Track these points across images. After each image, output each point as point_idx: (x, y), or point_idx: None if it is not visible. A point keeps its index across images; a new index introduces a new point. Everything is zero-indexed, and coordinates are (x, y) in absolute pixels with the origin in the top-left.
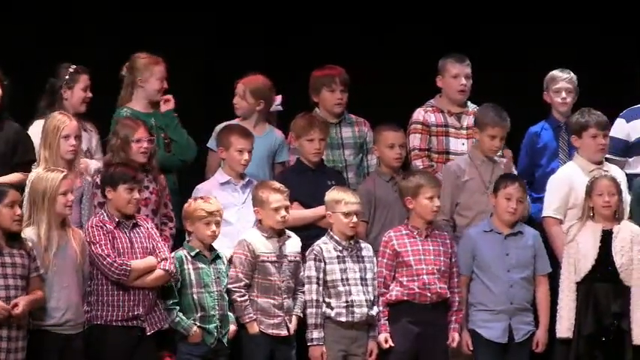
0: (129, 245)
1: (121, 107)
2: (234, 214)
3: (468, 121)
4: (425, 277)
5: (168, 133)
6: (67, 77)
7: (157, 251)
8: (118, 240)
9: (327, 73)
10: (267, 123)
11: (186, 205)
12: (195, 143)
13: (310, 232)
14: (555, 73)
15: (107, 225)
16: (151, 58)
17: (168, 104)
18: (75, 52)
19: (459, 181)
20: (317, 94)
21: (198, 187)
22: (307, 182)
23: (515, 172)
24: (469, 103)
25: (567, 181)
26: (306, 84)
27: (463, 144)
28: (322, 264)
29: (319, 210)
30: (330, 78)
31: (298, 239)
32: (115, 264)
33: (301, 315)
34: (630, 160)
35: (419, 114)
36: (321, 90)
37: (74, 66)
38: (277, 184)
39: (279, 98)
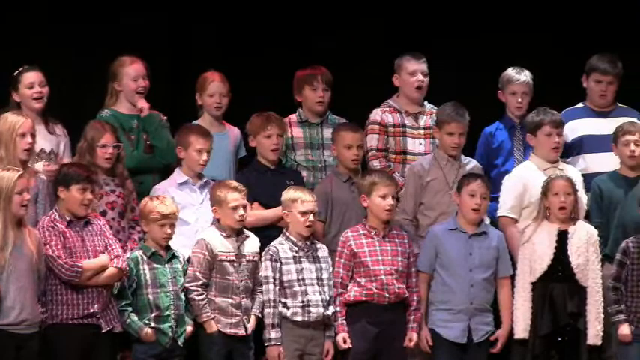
0: (80, 244)
1: (102, 109)
2: (192, 214)
3: (425, 121)
4: (383, 277)
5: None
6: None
7: (110, 248)
8: (70, 239)
9: (310, 71)
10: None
11: (141, 204)
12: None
13: (269, 232)
14: (511, 74)
15: (58, 225)
16: (123, 60)
17: (143, 111)
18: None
19: (423, 181)
20: (300, 93)
21: (156, 187)
22: (266, 183)
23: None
24: (426, 103)
25: (522, 181)
26: (263, 84)
27: (421, 144)
28: (278, 264)
29: (279, 210)
30: (312, 76)
31: (256, 239)
32: (67, 265)
33: (259, 315)
34: (568, 160)
35: (376, 114)
36: (303, 88)
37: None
38: (235, 183)
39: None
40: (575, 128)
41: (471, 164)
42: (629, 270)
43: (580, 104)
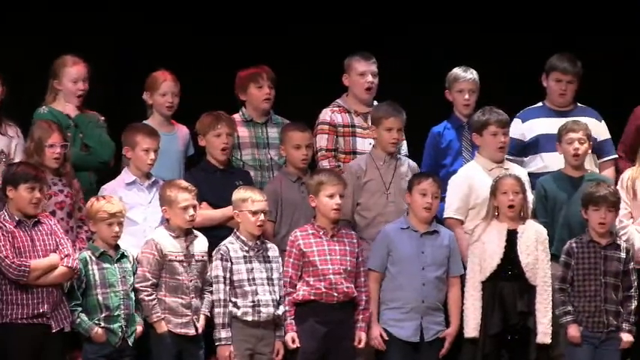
0: (30, 244)
1: (40, 106)
2: (141, 214)
3: None
4: (331, 276)
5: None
6: None
7: (61, 247)
8: (19, 239)
9: (254, 70)
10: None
11: (88, 204)
12: (111, 144)
13: (218, 232)
14: (458, 72)
15: (7, 224)
16: (66, 59)
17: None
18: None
19: (360, 182)
20: (244, 92)
21: (104, 186)
22: (215, 182)
23: None
24: (375, 102)
25: (467, 181)
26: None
27: (370, 144)
28: (229, 264)
29: (227, 210)
30: (257, 74)
31: (205, 239)
32: (14, 265)
33: (209, 314)
34: (525, 159)
35: (326, 114)
36: (248, 87)
37: None
38: (185, 183)
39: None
40: (534, 127)
41: (407, 163)
42: (575, 271)
43: (539, 103)
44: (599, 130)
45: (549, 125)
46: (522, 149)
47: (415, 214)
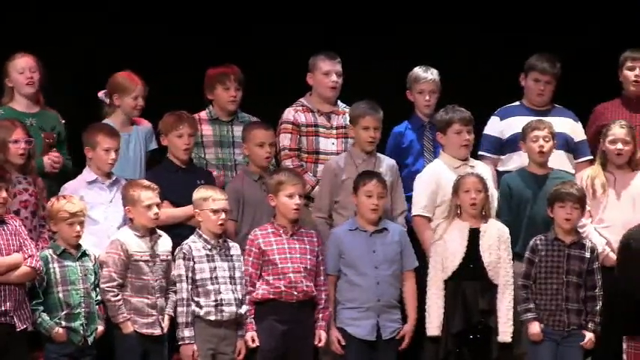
0: None
1: None
2: (102, 213)
3: (337, 120)
4: (291, 275)
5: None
6: None
7: (24, 248)
8: None
9: (222, 70)
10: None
11: (49, 204)
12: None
13: (181, 231)
14: (419, 73)
15: None
16: (12, 55)
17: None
18: None
19: (338, 180)
20: (211, 92)
21: (65, 185)
22: (177, 181)
23: None
24: (339, 102)
25: (434, 179)
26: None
27: (333, 143)
28: (191, 262)
29: (189, 209)
30: (224, 75)
31: (169, 238)
32: None
33: (173, 314)
34: (503, 157)
35: (289, 113)
36: (215, 87)
37: None
38: (147, 182)
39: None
40: (512, 125)
41: (386, 162)
42: (538, 268)
43: (517, 102)
44: (576, 130)
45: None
46: (500, 147)
47: (362, 215)
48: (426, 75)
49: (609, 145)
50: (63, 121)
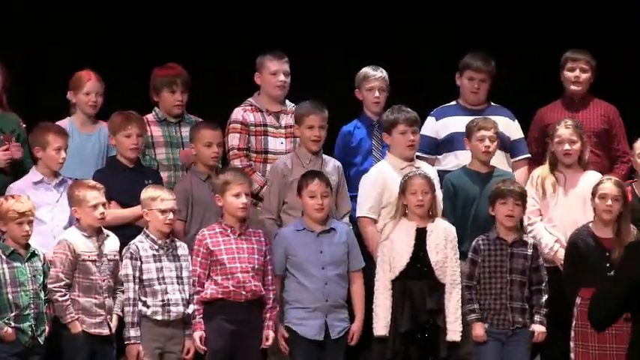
0: None
1: None
2: (48, 213)
3: (286, 120)
4: (239, 275)
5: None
6: None
7: None
8: None
9: (169, 73)
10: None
11: None
12: None
13: (129, 232)
14: (368, 71)
15: None
16: None
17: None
18: None
19: (286, 180)
20: (157, 95)
21: (11, 185)
22: (124, 181)
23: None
24: (287, 101)
25: (380, 180)
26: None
27: (282, 143)
28: (138, 262)
29: (137, 209)
30: (171, 79)
31: (116, 238)
32: None
33: (120, 314)
34: (440, 157)
35: (238, 113)
36: (161, 91)
37: None
38: (92, 182)
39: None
40: (449, 125)
41: (332, 162)
42: (482, 268)
43: (453, 102)
44: (512, 129)
45: (464, 123)
46: (436, 147)
47: (308, 215)
48: (375, 73)
49: (557, 146)
50: (24, 125)
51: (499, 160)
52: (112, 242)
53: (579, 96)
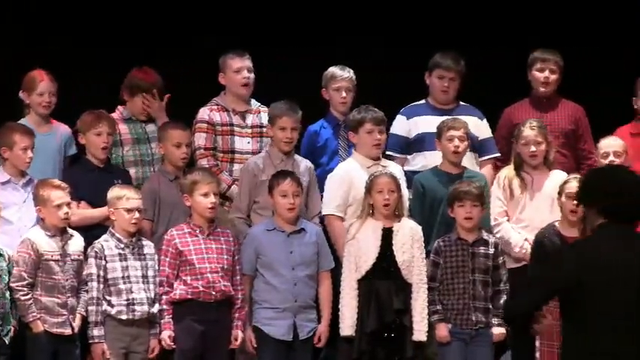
0: None
1: None
2: (15, 213)
3: (252, 119)
4: (209, 275)
5: None
6: None
7: None
8: None
9: (148, 79)
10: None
11: None
12: None
13: (98, 232)
14: (335, 71)
15: None
16: None
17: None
18: None
19: (257, 180)
20: (130, 96)
21: None
22: (93, 181)
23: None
24: (253, 101)
25: (345, 179)
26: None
27: (248, 142)
28: (103, 261)
29: (106, 209)
30: (149, 86)
31: (81, 238)
32: None
33: (84, 313)
34: (409, 157)
35: (204, 113)
36: (136, 94)
37: None
38: (57, 182)
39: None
40: (419, 124)
41: (304, 163)
42: (444, 269)
43: (422, 100)
44: (481, 128)
45: (433, 123)
46: (407, 146)
47: (280, 215)
48: (342, 73)
49: (522, 148)
50: None
51: (468, 161)
52: (76, 242)
53: (547, 96)
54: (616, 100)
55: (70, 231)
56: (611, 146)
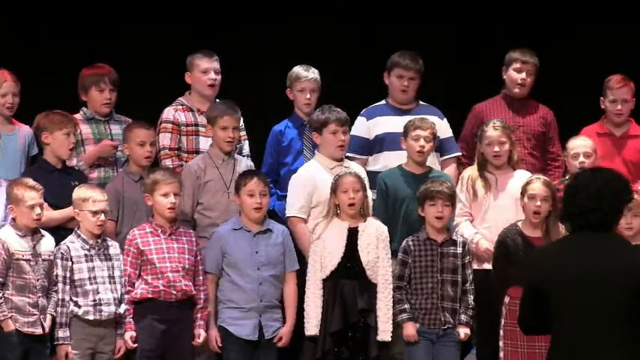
0: None
1: None
2: None
3: None
4: (170, 274)
5: None
6: None
7: None
8: None
9: (96, 72)
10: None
11: None
12: None
13: (66, 233)
14: (300, 71)
15: None
16: None
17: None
18: None
19: (200, 181)
20: (85, 93)
21: None
22: (54, 182)
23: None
24: (217, 101)
25: (310, 180)
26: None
27: None
28: (69, 263)
29: (68, 211)
30: (99, 77)
31: (52, 238)
32: None
33: (54, 313)
34: (370, 158)
35: (168, 113)
36: (89, 89)
37: None
38: (32, 182)
39: None
40: (379, 125)
41: (244, 162)
42: (412, 268)
43: (382, 101)
44: (441, 128)
45: (392, 123)
46: (367, 148)
47: (246, 215)
48: (307, 74)
49: (486, 148)
50: None
51: (430, 162)
52: (47, 242)
53: (520, 98)
54: (581, 101)
55: (41, 231)
56: (581, 147)
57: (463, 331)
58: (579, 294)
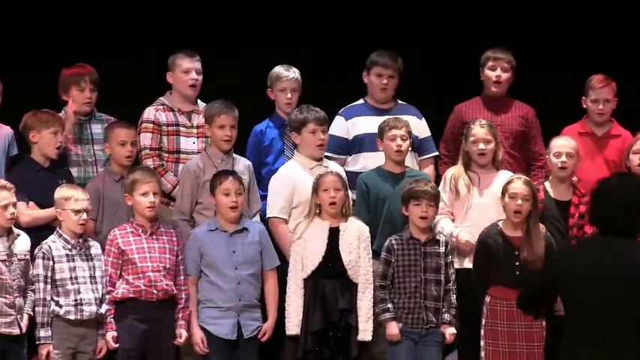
0: None
1: None
2: None
3: (198, 119)
4: (150, 274)
5: None
6: None
7: None
8: None
9: (77, 71)
10: None
11: None
12: None
13: (49, 233)
14: (280, 71)
15: None
16: None
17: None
18: None
19: (199, 181)
20: (66, 93)
21: None
22: (39, 181)
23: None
24: (199, 101)
25: (289, 180)
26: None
27: (194, 143)
28: (51, 262)
29: (54, 210)
30: (79, 76)
31: (28, 237)
32: None
33: (32, 313)
34: (349, 158)
35: (149, 112)
36: (70, 89)
37: None
38: (3, 182)
39: None
40: (357, 125)
41: (242, 162)
42: (395, 267)
43: (361, 100)
44: (420, 127)
45: (371, 124)
46: (346, 147)
47: (222, 214)
48: (288, 73)
49: (471, 146)
50: None
51: (409, 161)
52: (22, 242)
53: (499, 96)
54: (563, 100)
55: (17, 231)
56: (563, 147)
57: (449, 332)
58: (591, 291)
